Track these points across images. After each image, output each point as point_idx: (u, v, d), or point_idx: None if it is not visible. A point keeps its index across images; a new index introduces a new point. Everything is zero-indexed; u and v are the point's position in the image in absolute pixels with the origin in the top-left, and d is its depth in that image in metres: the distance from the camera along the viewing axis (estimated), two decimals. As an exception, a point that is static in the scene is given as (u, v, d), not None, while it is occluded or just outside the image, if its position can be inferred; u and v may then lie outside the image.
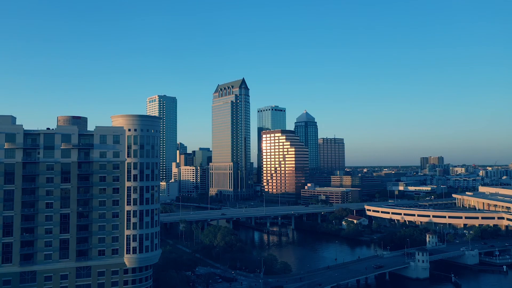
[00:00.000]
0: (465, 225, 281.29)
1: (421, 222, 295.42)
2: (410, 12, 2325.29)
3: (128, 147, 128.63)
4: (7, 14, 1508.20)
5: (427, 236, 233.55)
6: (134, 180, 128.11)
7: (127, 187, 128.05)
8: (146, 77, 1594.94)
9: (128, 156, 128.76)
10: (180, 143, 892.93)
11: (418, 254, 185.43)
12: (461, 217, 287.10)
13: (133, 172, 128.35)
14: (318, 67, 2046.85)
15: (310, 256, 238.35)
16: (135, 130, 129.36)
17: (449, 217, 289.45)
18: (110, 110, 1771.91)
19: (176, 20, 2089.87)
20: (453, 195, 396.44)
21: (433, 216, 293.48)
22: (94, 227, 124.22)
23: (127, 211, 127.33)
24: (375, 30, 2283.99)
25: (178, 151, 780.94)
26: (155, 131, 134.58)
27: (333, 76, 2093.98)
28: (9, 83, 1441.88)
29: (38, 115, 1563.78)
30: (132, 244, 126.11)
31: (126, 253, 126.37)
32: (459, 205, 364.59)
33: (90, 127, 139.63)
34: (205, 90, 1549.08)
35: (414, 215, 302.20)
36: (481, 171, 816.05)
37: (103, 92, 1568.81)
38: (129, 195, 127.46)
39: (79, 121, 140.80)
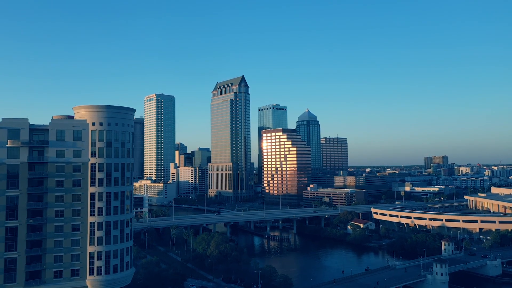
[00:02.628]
0: (480, 229, 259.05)
1: (432, 226, 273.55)
2: (411, 12, 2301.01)
3: (92, 145, 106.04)
4: (6, 14, 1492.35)
5: (443, 243, 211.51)
6: (99, 185, 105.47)
7: (91, 193, 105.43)
8: (144, 77, 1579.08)
9: (92, 156, 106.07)
10: (180, 143, 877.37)
11: (436, 266, 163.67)
12: (476, 221, 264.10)
13: (98, 175, 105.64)
14: (320, 66, 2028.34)
15: (313, 265, 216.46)
16: (101, 124, 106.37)
17: (464, 221, 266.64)
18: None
19: (175, 19, 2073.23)
20: (465, 197, 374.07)
21: (446, 220, 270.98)
22: (49, 243, 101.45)
23: (90, 223, 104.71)
24: (376, 30, 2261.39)
25: (177, 152, 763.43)
26: (126, 125, 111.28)
27: (335, 75, 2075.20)
28: (8, 84, 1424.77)
29: (36, 116, 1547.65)
30: (97, 264, 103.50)
31: (89, 275, 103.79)
32: (471, 207, 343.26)
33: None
34: (205, 89, 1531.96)
35: (425, 219, 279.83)
36: (486, 171, 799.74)
37: (100, 92, 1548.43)
38: (93, 204, 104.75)
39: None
